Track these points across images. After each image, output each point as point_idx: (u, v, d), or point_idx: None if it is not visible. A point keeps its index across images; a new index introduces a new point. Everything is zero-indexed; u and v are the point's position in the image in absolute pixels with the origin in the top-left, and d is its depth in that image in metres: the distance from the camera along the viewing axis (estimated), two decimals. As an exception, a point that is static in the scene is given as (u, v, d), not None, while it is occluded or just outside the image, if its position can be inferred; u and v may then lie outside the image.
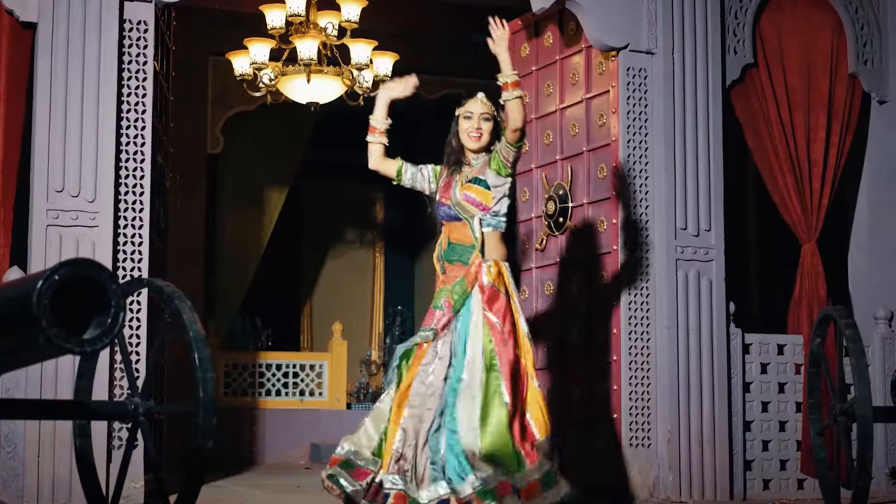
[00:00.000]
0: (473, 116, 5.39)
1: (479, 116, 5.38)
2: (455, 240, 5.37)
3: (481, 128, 5.37)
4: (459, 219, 5.34)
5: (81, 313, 3.75)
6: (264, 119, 10.50)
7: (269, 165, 11.10)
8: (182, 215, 10.02)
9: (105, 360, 5.84)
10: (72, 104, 6.13)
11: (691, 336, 6.94)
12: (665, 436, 6.84)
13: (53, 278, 3.52)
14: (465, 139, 5.39)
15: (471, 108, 5.41)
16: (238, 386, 10.44)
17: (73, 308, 3.75)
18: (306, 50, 8.30)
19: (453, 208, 5.35)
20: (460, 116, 5.44)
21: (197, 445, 4.27)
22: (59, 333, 3.52)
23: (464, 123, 5.41)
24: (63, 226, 6.07)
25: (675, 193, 7.00)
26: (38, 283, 3.50)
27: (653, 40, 7.07)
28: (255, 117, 10.44)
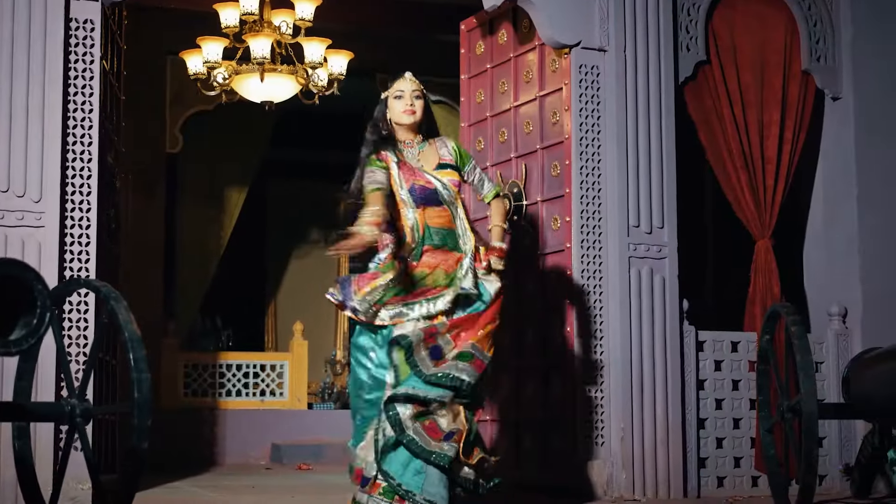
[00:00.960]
0: (405, 95, 5.48)
1: (410, 94, 5.48)
2: (437, 224, 5.44)
3: (414, 104, 5.47)
4: (440, 203, 5.44)
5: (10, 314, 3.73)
6: (223, 118, 10.47)
7: (229, 164, 11.07)
8: (141, 215, 10.00)
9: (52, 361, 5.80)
10: (17, 103, 6.08)
11: (644, 334, 6.93)
12: (618, 434, 6.83)
13: (-24, 279, 3.50)
14: (400, 117, 5.48)
15: (401, 86, 5.51)
16: (198, 386, 10.40)
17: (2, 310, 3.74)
18: (259, 48, 8.28)
19: (441, 191, 5.45)
20: (389, 98, 5.51)
21: (132, 446, 4.23)
22: (-17, 335, 3.50)
23: (396, 104, 5.49)
24: (8, 226, 6.02)
25: (627, 191, 6.99)
26: (-40, 284, 3.48)
27: (605, 37, 7.06)
28: (215, 116, 10.41)
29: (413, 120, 5.48)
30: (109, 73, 7.01)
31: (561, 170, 7.09)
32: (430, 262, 5.41)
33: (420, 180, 5.44)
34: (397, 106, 5.48)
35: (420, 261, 5.40)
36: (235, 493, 7.24)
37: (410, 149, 5.52)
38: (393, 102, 5.50)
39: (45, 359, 5.18)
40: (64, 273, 6.10)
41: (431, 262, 5.41)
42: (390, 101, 5.51)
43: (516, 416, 7.32)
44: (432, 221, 5.43)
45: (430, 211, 5.44)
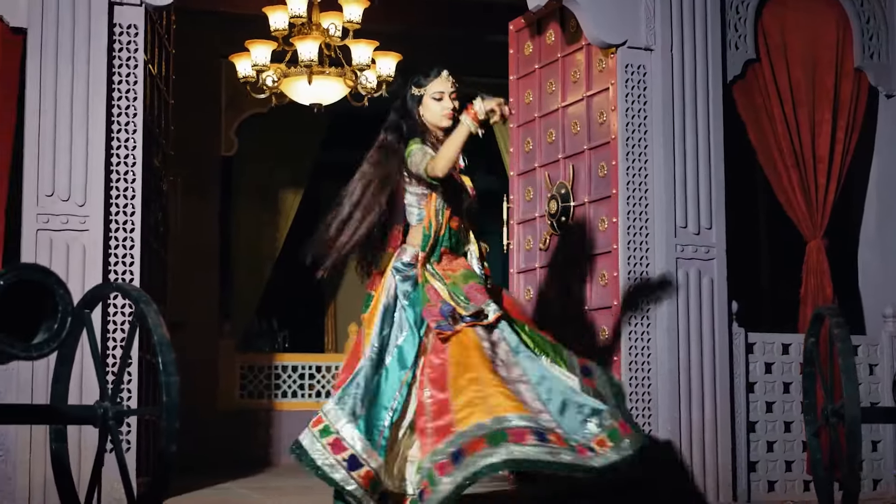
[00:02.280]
0: (444, 96, 5.34)
1: (448, 95, 5.35)
2: (454, 226, 5.35)
3: (455, 107, 5.34)
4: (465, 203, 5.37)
5: (35, 319, 3.76)
6: (278, 121, 10.50)
7: (283, 167, 11.10)
8: (196, 218, 10.05)
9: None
10: (61, 109, 6.13)
11: (692, 336, 6.85)
12: (667, 437, 6.75)
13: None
14: (440, 120, 5.32)
15: (439, 87, 5.35)
16: (254, 388, 10.44)
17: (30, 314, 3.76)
18: (307, 51, 8.29)
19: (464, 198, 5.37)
20: (425, 97, 5.34)
21: (161, 449, 4.24)
22: (4, 339, 3.53)
23: (434, 105, 5.33)
24: (53, 230, 6.07)
25: (674, 191, 6.92)
26: (-19, 288, 3.51)
27: (651, 36, 6.99)
28: (269, 119, 10.43)
29: (451, 124, 5.31)
30: (157, 77, 7.06)
31: (608, 170, 7.04)
32: (447, 267, 5.30)
33: (455, 175, 5.33)
34: (436, 108, 5.32)
35: (440, 263, 5.29)
36: (283, 495, 7.26)
37: (437, 144, 5.34)
38: (430, 103, 5.33)
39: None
40: (108, 276, 6.14)
41: (449, 269, 5.29)
42: (427, 101, 5.34)
43: (564, 419, 7.26)
44: (454, 224, 5.33)
45: (455, 213, 5.33)
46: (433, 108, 5.35)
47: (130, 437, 6.10)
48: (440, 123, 5.35)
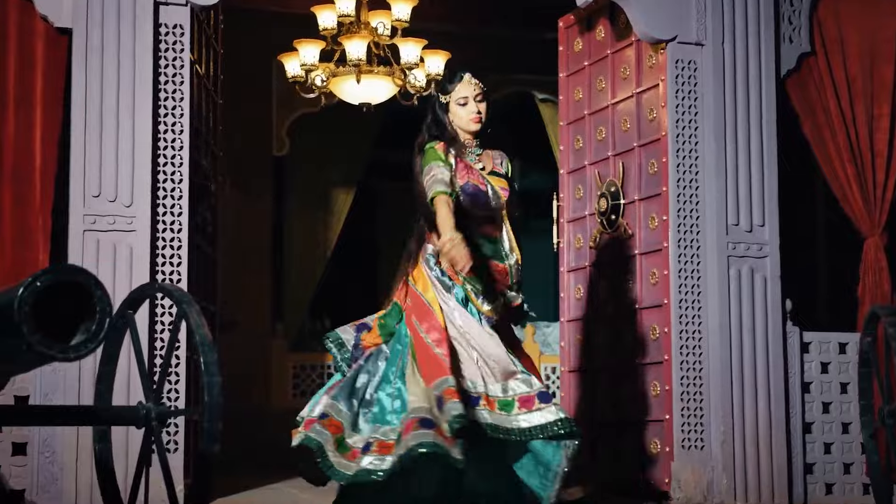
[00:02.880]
0: (469, 100, 5.26)
1: (473, 99, 5.27)
2: (482, 232, 5.26)
3: (480, 110, 5.27)
4: (489, 208, 5.25)
5: (75, 321, 3.73)
6: (329, 120, 10.49)
7: (335, 166, 11.09)
8: (248, 218, 10.07)
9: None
10: (107, 109, 6.13)
11: (745, 335, 6.75)
12: (719, 438, 6.65)
13: (35, 285, 3.50)
14: (468, 125, 5.27)
15: (464, 92, 5.27)
16: (307, 387, 10.43)
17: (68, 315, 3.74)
18: (355, 50, 8.26)
19: (492, 198, 5.25)
20: (451, 103, 5.28)
21: (202, 450, 4.21)
22: (42, 340, 3.50)
23: (460, 111, 5.27)
24: (100, 231, 6.07)
25: (726, 188, 6.81)
26: (19, 289, 3.48)
27: (702, 31, 6.88)
28: (320, 118, 10.43)
29: (479, 127, 5.28)
30: (204, 77, 7.05)
31: (658, 167, 6.94)
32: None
33: (474, 179, 5.24)
34: (462, 113, 5.26)
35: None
36: (330, 494, 7.19)
37: (470, 148, 5.33)
38: (456, 108, 5.27)
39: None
40: (155, 277, 6.13)
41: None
42: (453, 107, 5.27)
43: (614, 419, 7.19)
44: (482, 226, 5.25)
45: (479, 214, 5.25)
46: (460, 113, 5.29)
47: (178, 437, 6.09)
48: (468, 128, 5.30)
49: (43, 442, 5.93)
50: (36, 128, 6.21)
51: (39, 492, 5.91)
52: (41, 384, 5.92)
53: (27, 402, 5.86)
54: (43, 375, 5.91)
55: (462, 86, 5.29)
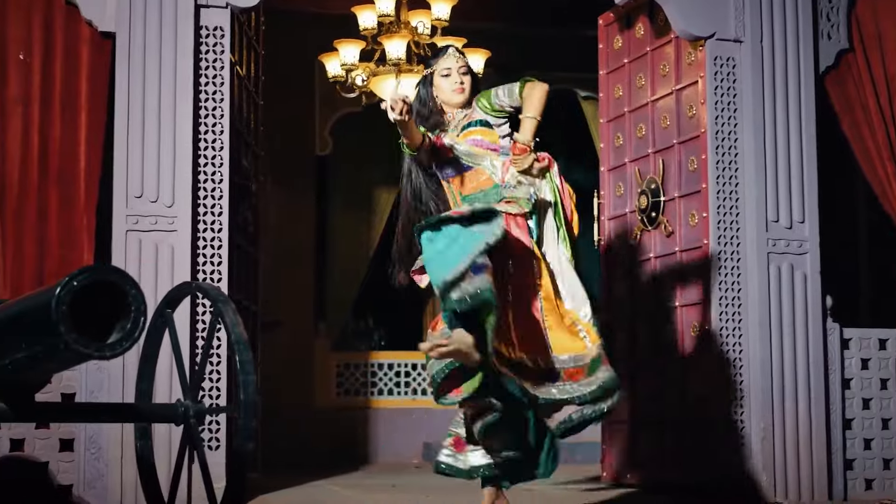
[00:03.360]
0: (452, 72, 5.24)
1: (457, 71, 5.25)
2: (471, 190, 5.18)
3: (463, 81, 5.24)
4: (470, 168, 5.19)
5: (112, 320, 3.81)
6: (372, 119, 10.51)
7: (378, 165, 11.13)
8: (291, 217, 10.15)
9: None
10: (149, 111, 6.22)
11: (785, 332, 6.74)
12: (759, 434, 6.65)
13: (71, 284, 3.58)
14: (450, 95, 5.25)
15: (447, 64, 5.27)
16: (350, 386, 10.51)
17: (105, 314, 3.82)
18: (394, 50, 8.32)
19: (464, 157, 5.17)
20: (434, 75, 5.28)
21: (237, 447, 4.27)
22: (78, 339, 3.58)
23: (443, 82, 5.26)
24: (142, 231, 6.16)
25: (766, 185, 6.81)
26: (56, 289, 3.56)
27: (741, 28, 6.88)
28: (363, 118, 10.48)
29: (463, 98, 5.24)
30: (245, 78, 7.13)
31: (698, 164, 6.95)
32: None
33: (446, 154, 5.19)
34: (445, 85, 5.25)
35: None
36: (371, 492, 7.28)
37: (453, 120, 5.27)
38: (440, 81, 5.26)
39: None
40: (196, 276, 6.21)
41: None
42: (436, 80, 5.27)
43: (656, 416, 7.20)
44: (466, 189, 5.18)
45: (465, 177, 5.18)
46: (443, 85, 5.28)
47: (220, 434, 6.17)
48: (451, 100, 5.28)
49: (89, 439, 6.02)
50: (81, 130, 6.32)
51: (86, 487, 6.01)
52: (87, 382, 6.02)
53: (73, 400, 5.96)
54: (88, 373, 6.01)
55: (445, 59, 5.28)
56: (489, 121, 5.21)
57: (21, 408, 4.22)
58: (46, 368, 3.98)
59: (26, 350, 3.75)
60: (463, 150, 5.19)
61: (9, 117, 6.26)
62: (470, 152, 5.18)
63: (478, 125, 5.21)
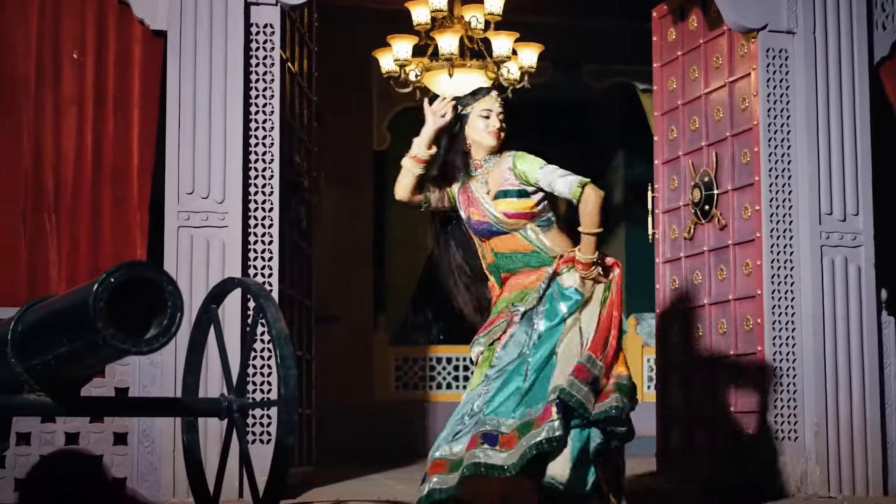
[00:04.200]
0: (492, 114, 5.04)
1: (496, 115, 5.06)
2: (507, 249, 4.99)
3: (501, 127, 5.05)
4: (505, 232, 5.00)
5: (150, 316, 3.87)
6: (429, 114, 10.56)
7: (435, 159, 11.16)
8: (349, 213, 10.21)
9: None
10: (200, 108, 6.28)
11: (839, 325, 6.68)
12: (813, 429, 6.60)
13: (109, 281, 3.64)
14: (486, 137, 5.03)
15: (487, 105, 5.06)
16: (409, 379, 10.56)
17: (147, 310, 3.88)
18: (447, 45, 8.34)
19: (495, 225, 4.98)
20: (471, 115, 5.06)
21: (278, 441, 4.32)
22: (116, 334, 3.64)
23: (480, 122, 5.03)
24: (194, 227, 6.22)
25: (819, 177, 6.75)
26: (94, 286, 3.62)
27: (793, 19, 6.82)
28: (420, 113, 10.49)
29: (497, 143, 5.05)
30: (297, 74, 7.18)
31: (751, 157, 6.90)
32: (514, 283, 5.00)
33: (476, 213, 5.02)
34: (481, 125, 5.04)
35: (504, 286, 5.02)
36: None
37: (479, 168, 5.07)
38: (476, 120, 5.04)
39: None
40: (248, 271, 6.27)
41: (515, 284, 5.00)
42: (475, 119, 5.05)
43: (709, 411, 7.17)
44: (500, 248, 5.00)
45: (496, 240, 5.01)
46: (479, 125, 5.07)
47: (271, 428, 6.21)
48: (484, 141, 5.07)
49: (142, 432, 6.10)
50: (133, 128, 6.40)
51: (139, 480, 6.09)
52: (140, 376, 6.09)
53: (126, 394, 6.04)
54: (141, 368, 6.08)
55: (486, 99, 5.10)
56: (526, 190, 4.98)
57: (67, 402, 4.31)
58: (89, 363, 4.04)
59: (68, 345, 3.82)
60: (493, 220, 4.98)
61: (63, 116, 6.35)
62: (504, 222, 4.97)
63: (508, 196, 4.98)
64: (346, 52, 9.63)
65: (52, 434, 6.02)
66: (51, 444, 6.01)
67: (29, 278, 6.24)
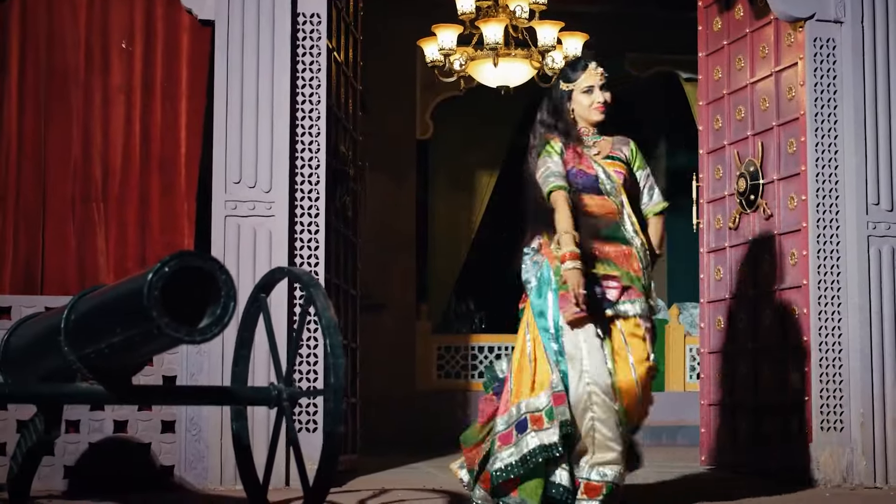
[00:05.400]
0: (594, 89, 5.19)
1: (598, 88, 5.20)
2: (598, 212, 5.17)
3: (606, 99, 5.21)
4: (600, 193, 5.18)
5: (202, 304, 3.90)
6: (472, 104, 10.57)
7: (478, 149, 11.18)
8: (393, 202, 10.23)
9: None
10: (248, 98, 6.32)
11: (885, 315, 6.64)
12: (858, 419, 6.57)
13: (163, 270, 3.67)
14: (590, 114, 5.21)
15: (589, 81, 5.20)
16: (451, 369, 10.57)
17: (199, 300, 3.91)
18: (492, 34, 8.35)
19: (602, 178, 5.17)
20: (574, 91, 5.21)
21: (327, 430, 4.34)
22: (170, 324, 3.67)
23: (584, 99, 5.20)
24: (241, 216, 6.26)
25: (866, 168, 6.71)
26: (148, 275, 3.65)
27: (841, 8, 6.78)
28: (464, 102, 10.52)
29: (602, 117, 5.21)
30: (343, 64, 7.20)
31: (797, 147, 6.87)
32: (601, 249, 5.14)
33: (581, 164, 5.18)
34: (585, 101, 5.20)
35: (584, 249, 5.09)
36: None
37: (586, 136, 5.27)
38: (580, 97, 5.20)
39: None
40: (294, 260, 6.30)
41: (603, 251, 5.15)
42: (577, 95, 5.21)
43: (754, 400, 7.15)
44: (591, 209, 5.16)
45: (589, 199, 5.16)
46: (583, 102, 5.22)
47: (318, 417, 6.24)
48: (591, 118, 5.24)
49: (189, 420, 6.14)
50: (181, 117, 6.45)
51: (187, 468, 6.13)
52: (187, 365, 6.13)
53: (174, 382, 6.09)
54: (189, 356, 6.13)
55: (587, 74, 5.22)
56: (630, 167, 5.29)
57: (119, 390, 4.35)
58: (142, 352, 4.08)
59: (122, 334, 3.85)
60: (602, 173, 5.19)
61: (112, 105, 6.40)
62: (611, 180, 5.19)
63: (622, 163, 5.26)
64: (390, 41, 9.64)
65: (101, 422, 6.08)
66: (99, 431, 6.07)
67: (78, 266, 6.31)
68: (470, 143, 11.10)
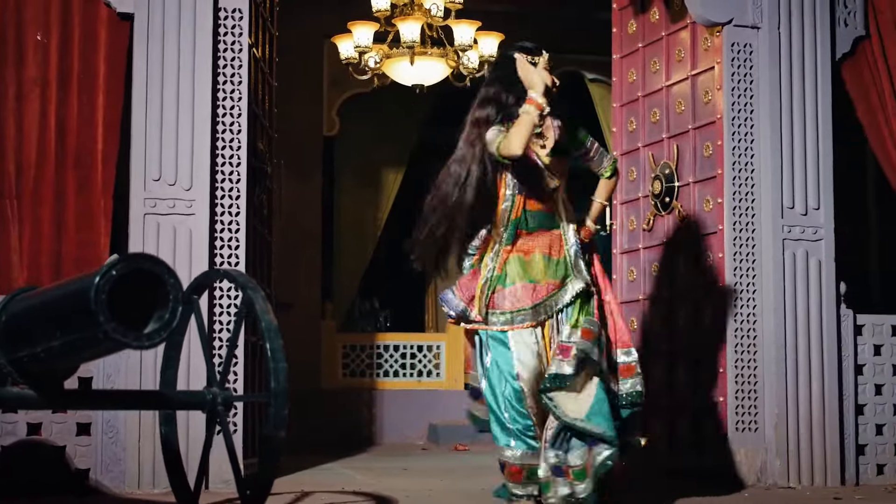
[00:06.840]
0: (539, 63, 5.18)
1: (545, 61, 5.20)
2: (535, 209, 5.20)
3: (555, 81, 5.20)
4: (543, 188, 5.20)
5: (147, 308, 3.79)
6: (380, 100, 10.50)
7: (385, 146, 11.12)
8: (298, 199, 10.12)
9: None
10: (168, 94, 6.19)
11: (799, 317, 6.76)
12: (773, 420, 6.67)
13: (111, 273, 3.57)
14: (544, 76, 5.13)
15: (543, 65, 5.17)
16: (356, 367, 10.52)
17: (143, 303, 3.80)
18: (408, 32, 8.30)
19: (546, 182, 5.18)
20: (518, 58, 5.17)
21: (269, 435, 4.27)
22: (117, 328, 3.57)
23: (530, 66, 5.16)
24: (160, 214, 6.13)
25: (781, 171, 6.81)
26: (95, 278, 3.55)
27: (758, 14, 6.87)
28: (371, 99, 10.45)
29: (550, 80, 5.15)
30: (261, 60, 7.10)
31: (713, 150, 6.95)
32: (525, 245, 5.18)
33: (529, 160, 5.13)
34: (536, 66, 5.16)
35: (514, 245, 5.17)
36: (385, 476, 7.28)
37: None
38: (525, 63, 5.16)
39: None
40: (214, 260, 6.20)
41: (527, 246, 5.18)
42: (521, 61, 5.15)
43: (668, 402, 7.21)
44: (531, 206, 5.19)
45: (537, 196, 5.19)
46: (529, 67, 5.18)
47: (237, 419, 6.15)
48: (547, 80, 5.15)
49: (106, 423, 6.00)
50: (98, 112, 6.28)
51: (103, 471, 6.00)
52: (104, 366, 5.97)
53: (90, 385, 5.93)
54: (106, 358, 5.96)
55: (543, 60, 5.20)
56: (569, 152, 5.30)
57: (50, 395, 4.23)
58: (82, 357, 3.97)
59: (61, 338, 3.74)
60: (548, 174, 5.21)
61: (26, 99, 6.22)
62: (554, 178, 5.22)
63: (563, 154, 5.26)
64: (299, 37, 9.52)
65: (14, 424, 5.90)
66: (12, 434, 5.89)
67: (-11, 264, 6.12)
68: (377, 140, 11.03)
